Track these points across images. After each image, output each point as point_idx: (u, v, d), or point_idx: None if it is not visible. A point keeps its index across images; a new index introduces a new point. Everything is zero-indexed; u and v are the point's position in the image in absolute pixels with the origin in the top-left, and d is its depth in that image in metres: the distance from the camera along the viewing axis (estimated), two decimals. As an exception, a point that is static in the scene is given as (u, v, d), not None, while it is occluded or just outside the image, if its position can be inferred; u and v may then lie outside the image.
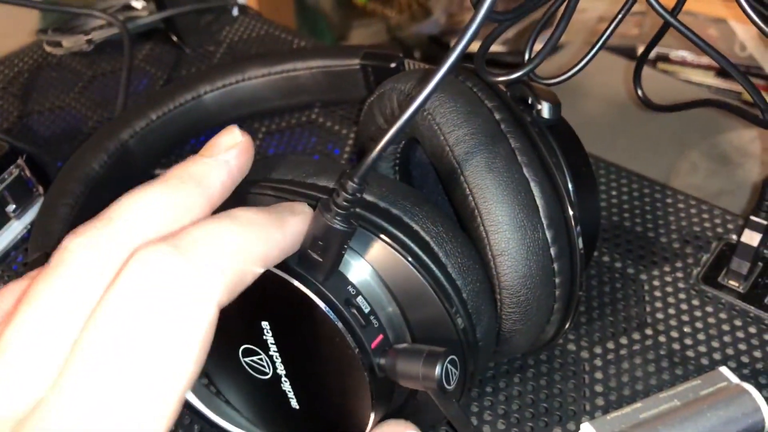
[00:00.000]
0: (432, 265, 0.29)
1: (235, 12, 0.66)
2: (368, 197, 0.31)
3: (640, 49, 1.04)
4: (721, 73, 1.00)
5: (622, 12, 0.38)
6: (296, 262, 0.28)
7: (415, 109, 0.24)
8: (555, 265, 0.32)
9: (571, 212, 0.32)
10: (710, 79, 1.01)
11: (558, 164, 0.33)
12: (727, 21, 1.01)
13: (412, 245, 0.29)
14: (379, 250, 0.29)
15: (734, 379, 0.35)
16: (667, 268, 0.43)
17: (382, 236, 0.29)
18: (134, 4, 0.66)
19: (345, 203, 0.26)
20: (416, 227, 0.30)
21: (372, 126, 0.39)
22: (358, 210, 0.29)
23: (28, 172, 0.47)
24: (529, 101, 0.35)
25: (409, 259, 0.29)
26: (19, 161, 0.46)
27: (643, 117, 0.88)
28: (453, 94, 0.33)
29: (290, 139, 0.54)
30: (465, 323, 0.30)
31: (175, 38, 0.62)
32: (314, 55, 0.51)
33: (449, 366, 0.28)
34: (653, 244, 0.44)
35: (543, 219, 0.31)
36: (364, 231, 0.29)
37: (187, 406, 0.34)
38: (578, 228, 0.32)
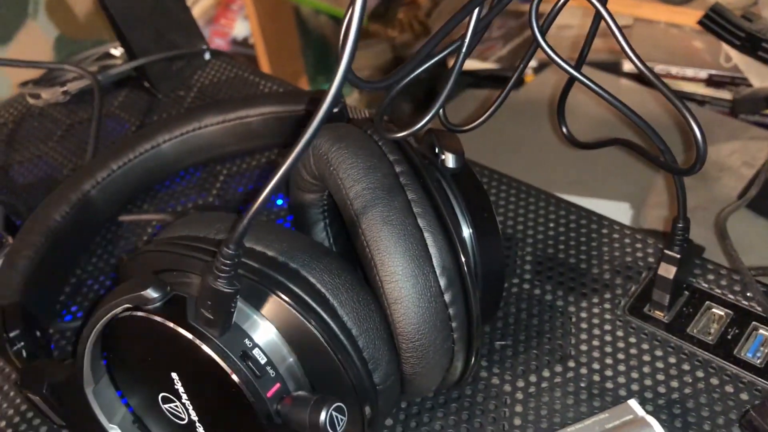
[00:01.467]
0: (325, 316, 0.31)
1: (207, 56, 0.69)
2: (269, 252, 0.33)
3: (626, 65, 1.05)
4: (710, 83, 1.00)
5: (524, 61, 0.39)
6: (195, 318, 0.30)
7: (270, 189, 0.27)
8: (450, 311, 0.33)
9: (463, 259, 0.33)
10: (702, 89, 1.01)
11: (454, 213, 0.35)
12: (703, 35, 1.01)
13: (306, 297, 0.31)
14: (274, 304, 0.31)
15: (640, 412, 0.36)
16: (595, 300, 0.44)
17: (276, 291, 0.31)
18: (113, 52, 0.69)
19: (225, 267, 0.28)
20: (312, 280, 0.32)
21: (296, 175, 0.41)
22: (255, 265, 0.32)
23: (-3, 225, 0.50)
24: (436, 151, 0.37)
25: (301, 311, 0.31)
26: (-11, 216, 0.49)
27: (624, 132, 0.88)
28: (356, 149, 0.35)
29: (250, 179, 0.56)
30: (360, 370, 0.32)
31: (147, 85, 0.65)
32: (265, 102, 0.53)
33: (335, 413, 0.30)
34: (584, 276, 0.45)
35: (435, 267, 0.33)
36: (260, 287, 0.31)
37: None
38: (476, 273, 0.34)
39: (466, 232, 0.35)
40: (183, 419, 0.33)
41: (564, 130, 0.46)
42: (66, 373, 0.36)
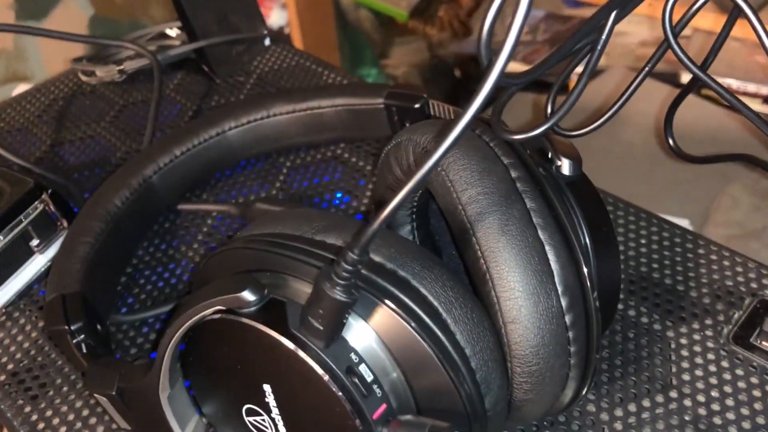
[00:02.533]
0: (438, 333, 0.28)
1: (267, 42, 0.66)
2: (375, 258, 0.30)
3: (684, 77, 1.01)
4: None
5: (652, 61, 0.36)
6: (298, 324, 0.27)
7: (417, 180, 0.24)
8: (570, 334, 0.30)
9: (587, 278, 0.30)
10: (757, 106, 0.98)
11: (575, 225, 0.32)
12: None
13: (418, 311, 0.28)
14: (384, 315, 0.28)
15: (762, 454, 0.33)
16: (696, 326, 0.41)
17: (387, 301, 0.28)
18: (169, 32, 0.66)
19: (346, 274, 0.25)
20: (424, 291, 0.29)
21: (389, 175, 0.38)
22: (363, 271, 0.29)
23: (52, 207, 0.47)
24: (549, 156, 0.34)
25: (414, 326, 0.28)
26: (44, 196, 0.46)
27: (684, 146, 0.85)
28: (468, 150, 0.32)
29: (314, 173, 0.54)
30: (472, 392, 0.29)
31: (205, 68, 0.62)
32: (339, 93, 0.50)
33: (452, 442, 0.27)
34: (682, 299, 0.42)
35: (558, 285, 0.30)
36: (368, 295, 0.28)
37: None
38: (596, 293, 0.31)
39: (586, 247, 0.32)
40: (269, 434, 0.31)
41: (671, 142, 0.42)
42: (139, 375, 0.33)
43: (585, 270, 0.30)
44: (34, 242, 0.47)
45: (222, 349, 0.30)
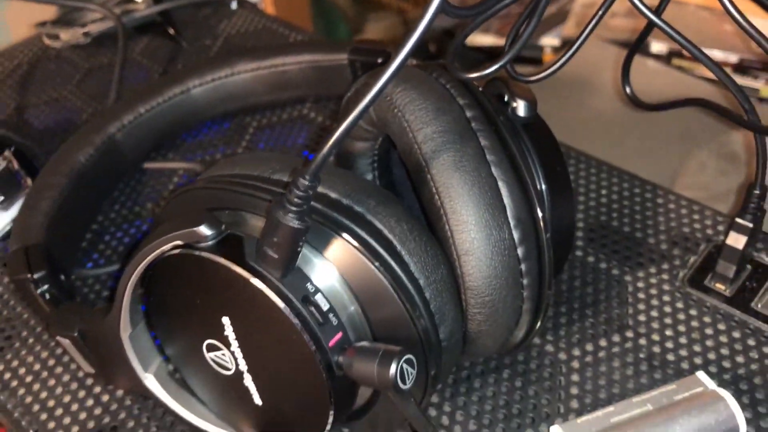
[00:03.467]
0: (393, 264, 0.29)
1: (234, 5, 0.65)
2: (332, 194, 0.30)
3: (652, 45, 1.03)
4: (738, 69, 0.98)
5: (604, 6, 0.37)
6: (255, 256, 0.28)
7: (361, 109, 0.24)
8: (522, 266, 0.31)
9: (540, 213, 0.31)
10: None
11: (529, 164, 0.32)
12: (746, 16, 0.98)
13: (374, 243, 0.29)
14: (340, 248, 0.29)
15: (711, 384, 0.34)
16: (653, 270, 0.42)
17: (343, 234, 0.29)
18: (135, -4, 0.66)
19: (297, 200, 0.26)
20: (379, 225, 0.30)
21: (349, 122, 0.38)
22: (319, 206, 0.29)
23: (15, 165, 0.47)
24: (506, 98, 0.35)
25: (370, 257, 0.29)
26: (6, 153, 0.46)
27: (655, 113, 0.86)
28: (423, 92, 0.33)
29: (280, 134, 0.54)
30: (427, 323, 0.29)
31: (172, 31, 0.62)
32: (303, 50, 0.50)
33: (405, 365, 0.27)
34: (640, 245, 0.43)
35: (510, 219, 0.31)
36: (324, 228, 0.29)
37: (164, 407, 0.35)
38: (548, 229, 0.32)
39: (540, 185, 0.33)
40: (229, 369, 0.31)
41: (628, 90, 0.43)
42: (100, 317, 0.33)
43: (537, 205, 0.31)
44: (-2, 199, 0.46)
45: (181, 285, 0.31)
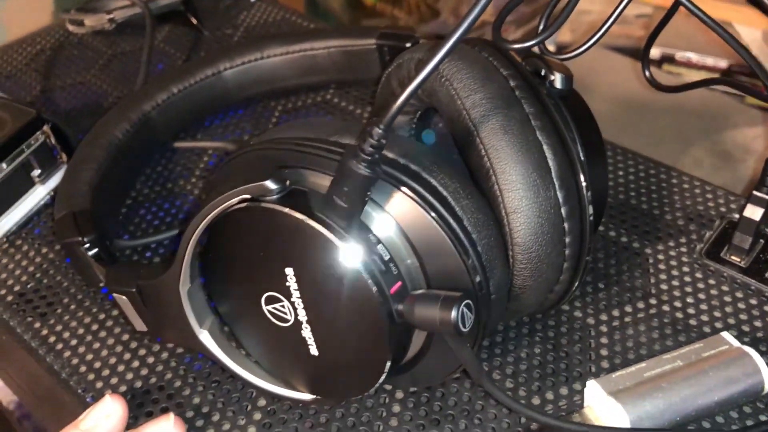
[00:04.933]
0: (450, 219, 0.31)
1: (253, -3, 0.67)
2: (389, 154, 0.32)
3: (651, 52, 1.06)
4: (726, 75, 1.02)
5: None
6: (321, 208, 0.29)
7: (442, 55, 0.26)
8: (566, 225, 0.33)
9: (582, 175, 0.33)
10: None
11: (569, 130, 0.34)
12: (732, 24, 1.02)
13: (431, 198, 0.31)
14: (400, 202, 0.31)
15: (735, 342, 0.36)
16: (671, 243, 0.44)
17: (404, 189, 0.30)
18: (154, -13, 0.67)
19: (371, 149, 0.27)
20: (435, 183, 0.31)
21: (389, 97, 0.40)
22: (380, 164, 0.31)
23: (53, 140, 0.48)
24: (542, 73, 0.37)
25: (429, 211, 0.30)
26: (45, 128, 0.47)
27: (649, 115, 0.89)
28: (469, 62, 0.35)
29: (305, 118, 0.55)
30: (480, 274, 0.31)
31: (194, 20, 0.64)
32: (332, 35, 0.52)
33: (464, 309, 0.29)
34: (658, 221, 0.45)
35: (555, 180, 0.33)
36: (385, 184, 0.31)
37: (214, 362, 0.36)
38: (588, 191, 0.34)
39: (579, 151, 0.35)
40: (287, 320, 0.32)
41: (647, 74, 0.46)
42: (159, 273, 0.34)
43: (580, 168, 0.33)
44: (36, 173, 0.48)
45: (244, 239, 0.32)
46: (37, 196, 0.48)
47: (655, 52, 1.05)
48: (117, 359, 0.40)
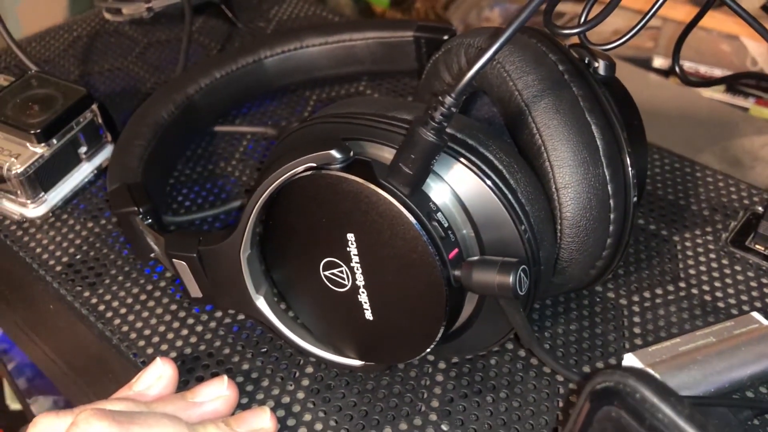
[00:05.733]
0: (506, 190, 0.32)
1: (284, -7, 0.69)
2: (448, 129, 0.34)
3: (656, 61, 1.09)
4: (730, 88, 1.04)
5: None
6: (385, 176, 0.31)
7: (510, 33, 0.28)
8: (611, 202, 0.35)
9: (627, 156, 0.35)
10: (719, 95, 1.06)
11: (614, 113, 0.36)
12: (739, 37, 1.05)
13: (488, 170, 0.32)
14: (459, 173, 0.32)
15: (765, 321, 0.38)
16: (697, 232, 0.46)
17: (462, 160, 0.32)
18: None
19: (441, 116, 0.29)
20: (490, 156, 0.33)
21: (436, 81, 0.42)
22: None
23: (99, 119, 0.49)
24: (587, 61, 0.39)
25: (487, 182, 0.32)
26: (94, 107, 0.49)
27: (659, 123, 0.91)
28: (520, 47, 0.37)
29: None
30: (533, 243, 0.33)
31: (228, 13, 0.66)
32: (370, 27, 0.54)
33: (521, 274, 0.30)
34: (684, 211, 0.47)
35: (603, 158, 0.34)
36: (445, 155, 0.32)
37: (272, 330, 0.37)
38: (633, 170, 0.35)
39: (623, 132, 0.37)
40: (345, 285, 0.34)
41: (677, 69, 0.48)
42: (219, 239, 0.36)
43: (626, 148, 0.35)
44: (83, 149, 0.49)
45: (307, 206, 0.33)
46: (83, 172, 0.49)
47: (664, 63, 1.07)
48: (166, 327, 0.41)
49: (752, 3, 1.00)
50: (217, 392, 0.35)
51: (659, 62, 1.08)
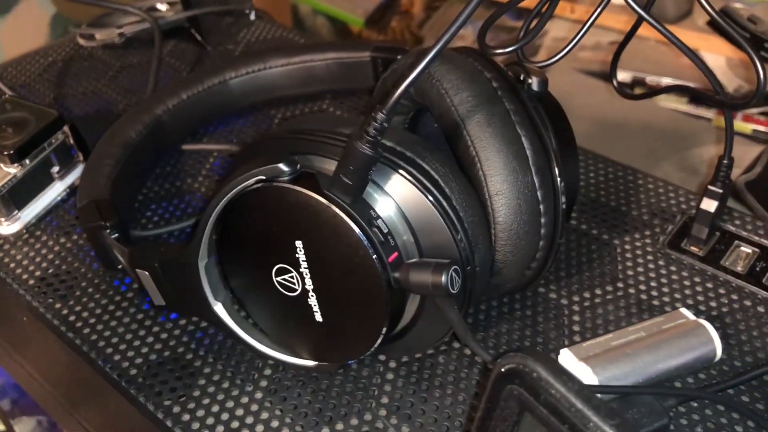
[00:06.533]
0: (441, 198, 0.35)
1: (252, 16, 0.72)
2: (387, 142, 0.36)
3: (620, 75, 1.12)
4: (693, 99, 1.08)
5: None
6: (328, 186, 0.34)
7: (434, 53, 0.31)
8: (541, 207, 0.37)
9: (555, 163, 0.38)
10: (683, 106, 1.09)
11: (545, 126, 0.39)
12: (698, 51, 1.09)
13: (424, 180, 0.35)
14: (398, 183, 0.35)
15: (692, 316, 0.41)
16: (636, 235, 0.49)
17: (401, 171, 0.35)
18: (159, 6, 0.72)
19: (374, 131, 0.32)
20: (427, 167, 0.36)
21: (385, 96, 0.45)
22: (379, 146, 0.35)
23: (71, 139, 0.52)
24: (522, 78, 0.41)
25: (424, 191, 0.35)
26: (65, 128, 0.51)
27: (620, 134, 0.95)
28: (457, 65, 0.39)
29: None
30: (467, 248, 0.35)
31: (198, 36, 0.68)
32: (329, 48, 0.57)
33: (453, 274, 0.33)
34: (625, 216, 0.50)
35: (531, 166, 0.37)
36: (385, 167, 0.35)
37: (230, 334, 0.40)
38: (561, 178, 0.38)
39: (552, 143, 0.39)
40: (295, 290, 0.36)
41: (615, 83, 0.51)
42: (178, 249, 0.38)
43: (553, 157, 0.38)
44: (55, 169, 0.51)
45: (257, 216, 0.36)
46: (55, 191, 0.52)
47: (627, 76, 1.11)
48: (133, 335, 0.43)
49: (704, 17, 1.04)
50: None
51: (622, 76, 1.12)
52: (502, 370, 0.24)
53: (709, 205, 0.46)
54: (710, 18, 0.40)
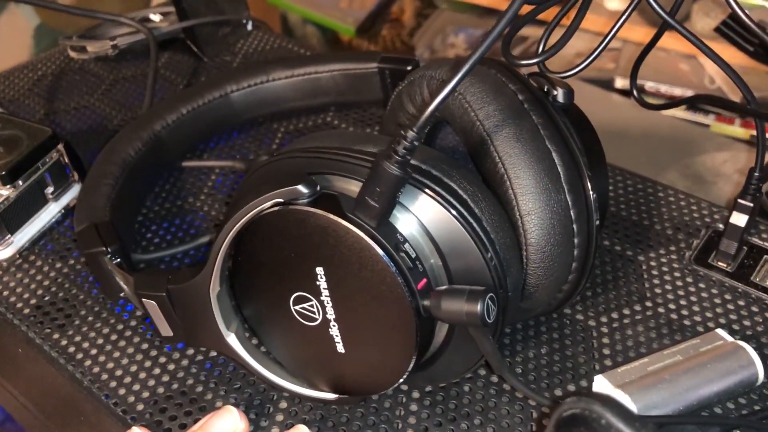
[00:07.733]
0: (471, 219, 0.33)
1: (249, 26, 0.70)
2: (412, 161, 0.34)
3: (617, 81, 1.11)
4: (692, 106, 1.07)
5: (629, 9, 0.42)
6: (352, 209, 0.31)
7: (469, 66, 0.28)
8: (575, 226, 0.35)
9: (587, 180, 0.36)
10: (680, 113, 1.08)
11: (574, 140, 0.37)
12: (696, 57, 1.08)
13: (453, 200, 0.33)
14: (424, 203, 0.33)
15: (729, 338, 0.39)
16: (662, 251, 0.47)
17: (427, 191, 0.33)
18: (152, 17, 0.69)
19: (404, 150, 0.30)
20: (455, 186, 0.34)
21: (400, 113, 0.42)
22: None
23: (66, 158, 0.49)
24: (546, 89, 0.39)
25: (452, 212, 0.32)
26: (60, 147, 0.49)
27: (622, 142, 0.93)
28: (480, 78, 0.37)
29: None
30: (500, 270, 0.33)
31: (194, 48, 0.66)
32: (334, 59, 0.55)
33: (489, 302, 0.31)
34: (648, 231, 0.48)
35: (564, 184, 0.35)
36: (410, 187, 0.33)
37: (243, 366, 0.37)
38: (594, 194, 0.36)
39: (584, 158, 0.37)
40: (316, 319, 0.34)
41: (635, 93, 0.49)
42: (188, 276, 0.36)
43: (586, 173, 0.36)
44: (49, 190, 0.49)
45: (275, 242, 0.34)
46: (50, 213, 0.49)
47: (626, 84, 1.10)
48: (138, 366, 0.41)
49: (710, 24, 1.02)
50: (230, 424, 0.35)
51: (621, 83, 1.10)
52: (565, 415, 0.22)
53: (739, 219, 0.44)
54: (717, 25, 0.38)
